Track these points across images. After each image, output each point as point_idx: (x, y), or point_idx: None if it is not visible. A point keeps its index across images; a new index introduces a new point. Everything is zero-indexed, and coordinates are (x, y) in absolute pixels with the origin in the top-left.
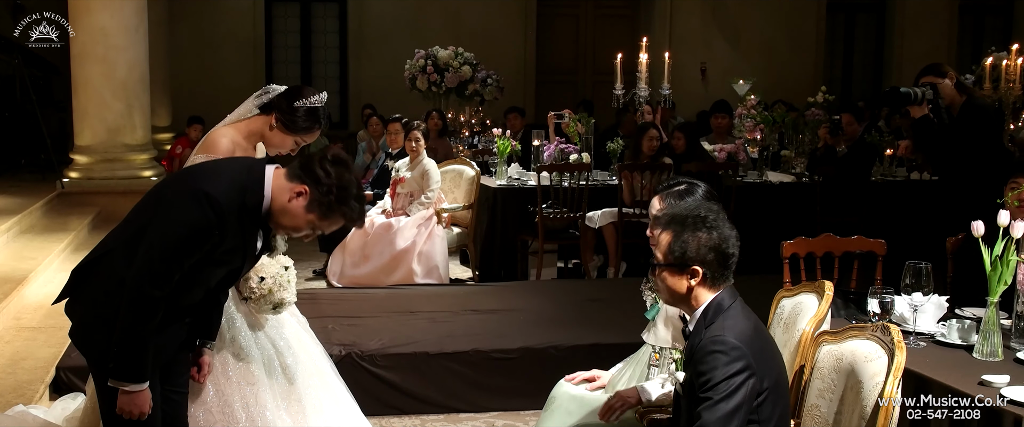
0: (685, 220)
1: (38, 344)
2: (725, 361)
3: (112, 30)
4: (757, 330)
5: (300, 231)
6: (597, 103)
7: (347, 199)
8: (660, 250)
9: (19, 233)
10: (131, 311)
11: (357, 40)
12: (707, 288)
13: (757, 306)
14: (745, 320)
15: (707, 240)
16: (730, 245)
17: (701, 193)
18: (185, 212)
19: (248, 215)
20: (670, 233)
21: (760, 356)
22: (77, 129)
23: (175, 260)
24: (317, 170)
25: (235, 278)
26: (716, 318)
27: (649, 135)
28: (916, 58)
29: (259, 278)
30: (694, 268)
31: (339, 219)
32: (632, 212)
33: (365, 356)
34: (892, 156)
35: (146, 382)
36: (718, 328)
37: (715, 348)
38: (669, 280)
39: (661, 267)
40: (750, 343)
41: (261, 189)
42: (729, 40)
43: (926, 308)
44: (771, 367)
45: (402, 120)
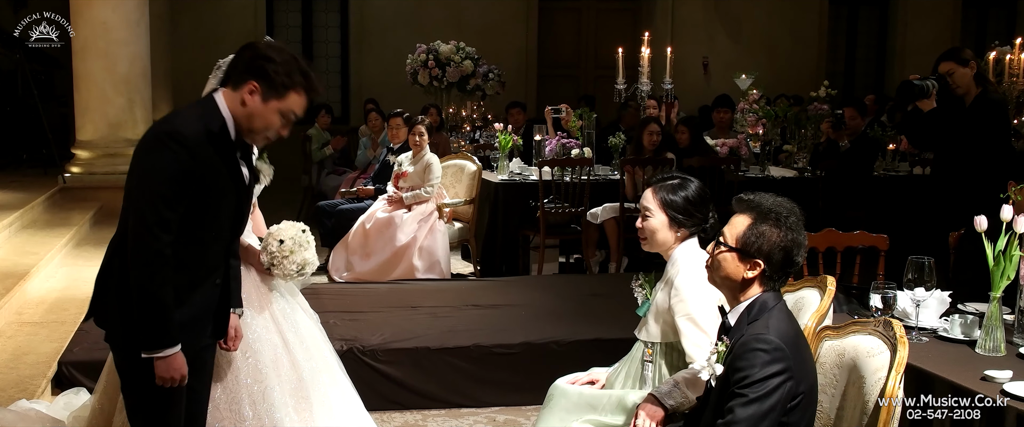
0: (768, 213)
1: (40, 339)
2: (765, 360)
3: (114, 24)
4: (798, 334)
5: (273, 127)
6: (599, 97)
7: (293, 73)
8: (733, 231)
9: (21, 228)
10: (140, 269)
11: (358, 34)
12: (760, 284)
13: None
14: (788, 322)
15: (781, 239)
16: (799, 252)
17: (693, 188)
18: (156, 157)
19: (217, 140)
20: (750, 219)
21: (799, 359)
22: (79, 124)
23: (165, 205)
24: (255, 62)
25: (240, 220)
26: (760, 315)
27: (649, 130)
28: (919, 51)
29: (278, 241)
30: (758, 261)
31: (299, 95)
32: (634, 207)
33: (366, 351)
34: (895, 151)
35: (177, 345)
36: (762, 326)
37: (757, 345)
38: (730, 263)
39: (729, 248)
40: (792, 345)
41: (217, 111)
42: (731, 34)
43: (929, 303)
44: (807, 372)
45: (404, 115)
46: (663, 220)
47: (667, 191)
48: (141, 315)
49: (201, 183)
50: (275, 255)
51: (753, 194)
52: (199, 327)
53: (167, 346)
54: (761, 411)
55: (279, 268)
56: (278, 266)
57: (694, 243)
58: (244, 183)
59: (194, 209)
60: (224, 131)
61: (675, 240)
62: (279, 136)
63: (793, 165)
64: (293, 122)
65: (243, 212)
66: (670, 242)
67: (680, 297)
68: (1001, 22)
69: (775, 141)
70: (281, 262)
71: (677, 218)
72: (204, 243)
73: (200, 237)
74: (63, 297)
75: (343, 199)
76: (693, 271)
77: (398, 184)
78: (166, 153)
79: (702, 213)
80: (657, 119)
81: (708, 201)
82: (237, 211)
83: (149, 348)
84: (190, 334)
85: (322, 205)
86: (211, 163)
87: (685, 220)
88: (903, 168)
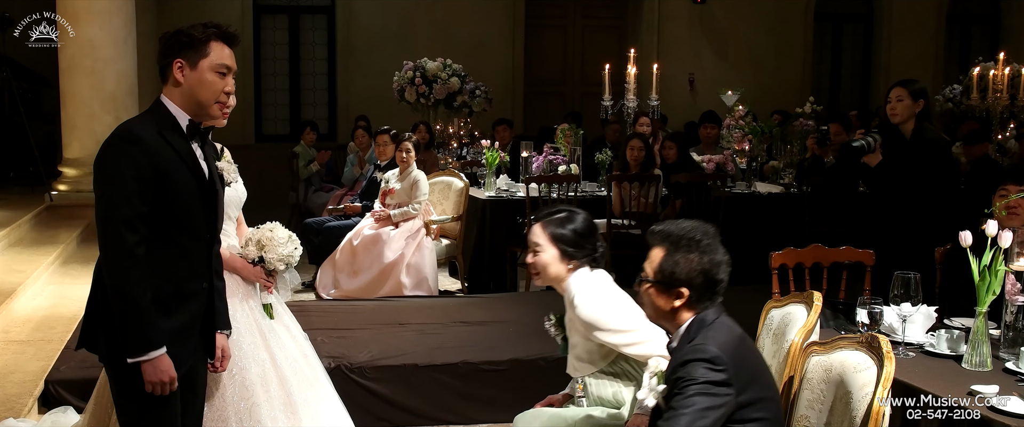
0: (680, 240)
1: (27, 357)
2: (703, 370)
3: (101, 42)
4: (742, 341)
5: (217, 88)
6: (586, 114)
7: (202, 28)
8: (651, 265)
9: (8, 246)
10: (113, 271)
11: (345, 52)
12: (689, 310)
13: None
14: (728, 332)
15: (698, 263)
16: (720, 271)
17: (581, 220)
18: (113, 160)
19: (171, 136)
20: (663, 250)
21: (742, 366)
22: (66, 141)
23: (127, 203)
24: (168, 44)
25: (215, 217)
26: (698, 332)
27: (631, 145)
28: (903, 66)
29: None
30: (681, 290)
31: (219, 44)
32: (621, 223)
33: (354, 368)
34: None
35: (163, 347)
36: (701, 339)
37: (694, 356)
38: (655, 297)
39: (649, 283)
40: (732, 353)
41: (164, 109)
42: (716, 50)
43: (915, 318)
44: (756, 376)
45: (391, 132)
46: (554, 254)
47: (555, 225)
48: (122, 319)
49: (163, 180)
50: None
51: (664, 224)
52: (188, 336)
53: (152, 348)
54: (698, 420)
55: (272, 251)
56: (271, 250)
57: (585, 271)
58: (207, 177)
59: (163, 208)
60: (176, 126)
61: (567, 272)
62: (228, 100)
63: (779, 181)
64: (233, 74)
65: (216, 208)
66: (562, 275)
67: (589, 322)
68: (985, 38)
69: (761, 157)
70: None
71: (567, 251)
72: (182, 246)
73: (176, 238)
74: (50, 315)
75: (330, 216)
76: (585, 293)
77: (385, 201)
78: (121, 155)
79: (591, 244)
80: (641, 135)
81: (595, 231)
82: (208, 207)
83: (134, 352)
84: (180, 344)
85: (309, 222)
86: (169, 159)
87: (575, 252)
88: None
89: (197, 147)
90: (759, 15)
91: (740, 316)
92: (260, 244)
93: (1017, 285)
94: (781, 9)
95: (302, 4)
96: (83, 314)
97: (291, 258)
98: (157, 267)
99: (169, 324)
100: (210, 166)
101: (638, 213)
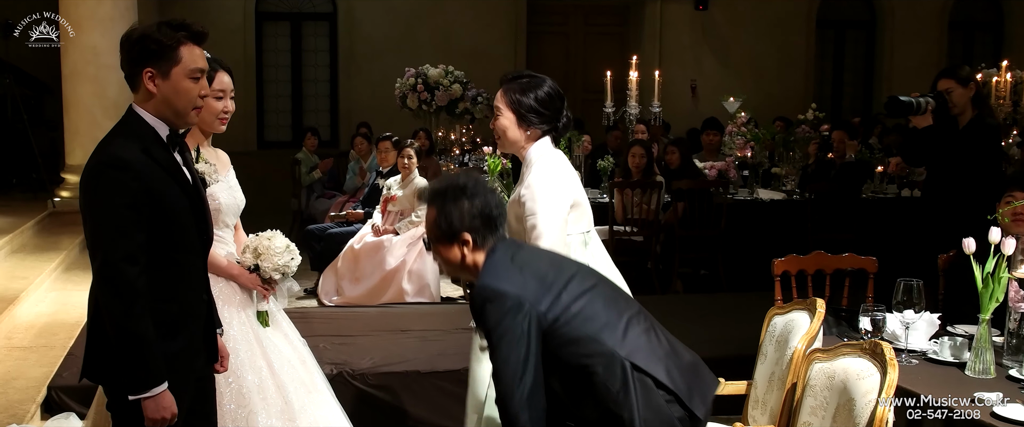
0: (446, 192)
1: (30, 364)
2: (493, 309)
3: (103, 49)
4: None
5: (194, 93)
6: (588, 121)
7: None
8: (427, 226)
9: (10, 252)
10: (114, 308)
11: (347, 58)
12: (479, 251)
13: (749, 323)
14: (503, 253)
15: (470, 208)
16: (492, 208)
17: (545, 88)
18: (103, 190)
19: (155, 151)
20: (434, 208)
21: (529, 282)
22: (68, 148)
23: (124, 236)
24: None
25: (206, 227)
26: (486, 269)
27: (632, 152)
28: (906, 73)
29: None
30: (463, 236)
31: (189, 47)
32: (624, 229)
33: (356, 375)
34: (883, 173)
35: (164, 383)
36: (481, 280)
37: (482, 299)
38: (444, 253)
39: (433, 242)
40: (511, 275)
41: (141, 121)
42: (719, 57)
43: (918, 325)
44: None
45: (392, 138)
46: (511, 118)
47: (516, 90)
48: (123, 356)
49: (157, 203)
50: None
51: (429, 184)
52: (194, 353)
53: (153, 385)
54: (513, 358)
55: (268, 260)
56: (267, 258)
57: (547, 142)
58: (191, 185)
59: (160, 231)
60: (157, 139)
61: (525, 139)
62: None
63: (781, 187)
64: (207, 76)
65: (205, 217)
66: (521, 141)
67: (532, 196)
68: (987, 45)
69: (763, 164)
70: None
71: (525, 117)
72: (181, 264)
73: (175, 258)
74: (53, 321)
75: (332, 223)
76: (545, 173)
77: (387, 208)
78: (112, 184)
79: (551, 112)
80: (643, 142)
81: (557, 100)
82: (199, 218)
83: (135, 390)
84: (187, 363)
85: (311, 229)
86: (158, 177)
87: (534, 119)
88: (891, 190)
89: (177, 155)
90: (761, 22)
91: (743, 322)
92: (256, 252)
93: (1021, 292)
94: (783, 16)
95: (304, 11)
96: (86, 343)
97: (287, 268)
98: (158, 290)
99: (175, 345)
100: (191, 172)
101: (640, 220)
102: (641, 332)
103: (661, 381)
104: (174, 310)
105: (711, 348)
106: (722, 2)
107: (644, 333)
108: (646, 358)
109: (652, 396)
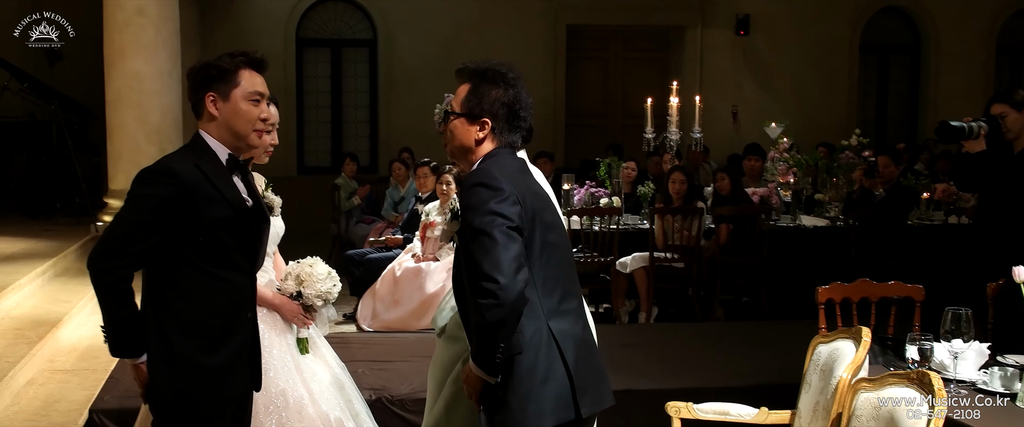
0: (485, 73)
1: (72, 386)
2: (486, 192)
3: (146, 75)
4: (523, 173)
5: (253, 116)
6: (627, 146)
7: (229, 58)
8: (456, 100)
9: (54, 276)
10: (98, 290)
11: (387, 84)
12: (491, 142)
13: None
14: (512, 162)
15: (502, 95)
16: (523, 106)
17: None
18: (143, 190)
19: (209, 169)
20: (468, 85)
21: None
22: (111, 173)
23: (128, 235)
24: (196, 79)
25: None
26: (485, 162)
27: (672, 179)
28: (951, 99)
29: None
30: (484, 120)
31: (249, 71)
32: (664, 256)
33: (395, 401)
34: (929, 199)
35: (143, 355)
36: (483, 166)
37: (476, 180)
38: (460, 129)
39: (455, 115)
40: (513, 179)
41: (204, 143)
42: (760, 82)
43: (967, 355)
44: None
45: (431, 164)
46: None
47: None
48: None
49: (193, 212)
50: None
51: (472, 62)
52: (234, 371)
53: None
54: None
55: (310, 287)
56: (309, 286)
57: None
58: (248, 208)
59: (196, 241)
60: (215, 160)
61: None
62: (268, 126)
63: (825, 214)
64: (267, 100)
65: (255, 240)
66: None
67: None
68: None
69: (806, 190)
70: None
71: None
72: (226, 280)
73: (216, 273)
74: (95, 345)
75: (372, 248)
76: None
77: (426, 234)
78: (153, 186)
79: None
80: (683, 168)
81: None
82: (247, 239)
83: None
84: (225, 380)
85: (351, 254)
86: (203, 190)
87: None
88: (938, 217)
89: (238, 180)
90: (803, 47)
91: (786, 351)
92: (299, 279)
93: None
94: (825, 41)
95: (344, 37)
96: None
97: (329, 295)
98: (200, 302)
99: (215, 361)
100: (254, 198)
101: (681, 246)
102: (573, 311)
103: (566, 360)
104: (216, 324)
105: (753, 376)
106: (763, 27)
107: (574, 314)
108: (563, 332)
109: (551, 355)
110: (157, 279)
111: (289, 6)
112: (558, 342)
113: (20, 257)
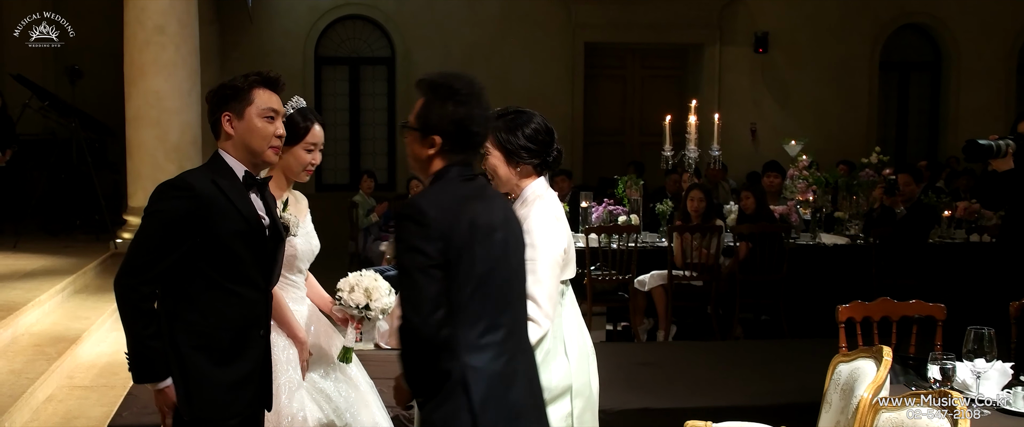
0: (438, 88)
1: (91, 403)
2: (412, 226)
3: (166, 94)
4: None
5: (268, 133)
6: (646, 164)
7: (243, 77)
8: (413, 112)
9: (73, 293)
10: (122, 309)
11: (405, 101)
12: (443, 159)
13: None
14: (456, 189)
15: (453, 113)
16: (475, 123)
17: (533, 124)
18: (159, 205)
19: (226, 185)
20: (423, 99)
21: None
22: (131, 190)
23: (151, 251)
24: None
25: (270, 266)
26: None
27: (691, 196)
28: (972, 116)
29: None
30: (434, 137)
31: (263, 89)
32: (682, 274)
33: (411, 418)
34: (951, 218)
35: (167, 378)
36: (421, 194)
37: (405, 212)
38: (413, 145)
39: (409, 128)
40: (446, 212)
41: (222, 161)
42: (779, 100)
43: (989, 374)
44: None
45: None
46: (499, 156)
47: (502, 128)
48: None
49: (207, 227)
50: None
51: (431, 74)
52: (242, 386)
53: (156, 379)
54: (417, 282)
55: (378, 301)
56: (377, 299)
57: (542, 182)
58: (263, 225)
59: (210, 255)
60: (232, 176)
61: (517, 177)
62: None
63: (845, 232)
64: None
65: (271, 258)
66: (513, 179)
67: (531, 241)
68: None
69: (826, 208)
70: (380, 297)
71: (514, 154)
72: (237, 294)
73: (231, 288)
74: (113, 361)
75: (389, 266)
76: (543, 215)
77: None
78: (170, 201)
79: (540, 147)
80: (702, 186)
81: (545, 134)
82: (263, 255)
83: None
84: (234, 394)
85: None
86: (218, 204)
87: (524, 155)
88: (959, 235)
89: (256, 197)
90: (822, 64)
91: (805, 370)
92: (368, 292)
93: None
94: (845, 58)
95: (362, 55)
96: None
97: (388, 308)
98: (211, 314)
99: (226, 376)
100: (272, 216)
101: (700, 264)
102: (495, 344)
103: (472, 402)
104: (227, 338)
105: (773, 396)
106: (782, 45)
107: (497, 347)
108: (476, 369)
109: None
110: (172, 293)
111: (308, 24)
112: (468, 383)
113: (40, 274)
